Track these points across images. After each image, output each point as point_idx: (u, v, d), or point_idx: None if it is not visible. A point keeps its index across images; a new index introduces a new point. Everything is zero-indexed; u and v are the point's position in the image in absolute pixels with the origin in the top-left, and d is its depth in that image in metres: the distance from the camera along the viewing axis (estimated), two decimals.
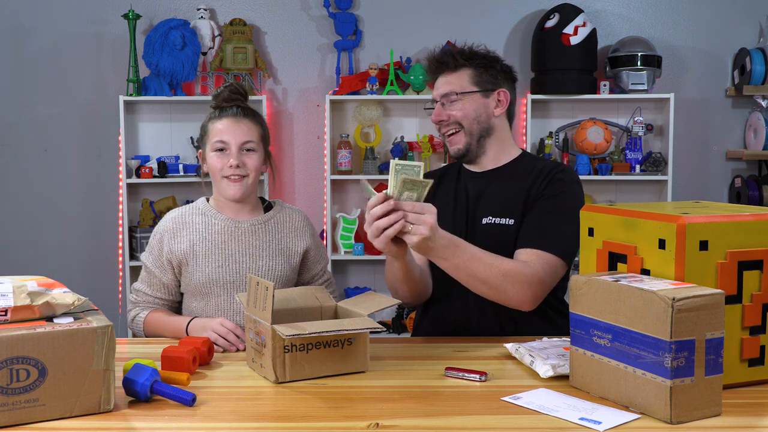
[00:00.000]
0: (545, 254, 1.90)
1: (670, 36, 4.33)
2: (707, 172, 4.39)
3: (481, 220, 2.02)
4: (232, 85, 2.07)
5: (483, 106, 2.05)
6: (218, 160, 2.02)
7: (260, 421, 1.35)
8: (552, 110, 4.33)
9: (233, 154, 2.01)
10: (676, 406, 1.28)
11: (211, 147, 2.03)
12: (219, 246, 2.04)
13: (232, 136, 2.01)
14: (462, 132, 2.05)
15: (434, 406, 1.41)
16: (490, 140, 2.07)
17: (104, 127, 4.19)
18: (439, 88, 2.07)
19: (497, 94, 2.06)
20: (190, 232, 2.05)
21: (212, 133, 2.04)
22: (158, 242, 2.06)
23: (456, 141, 2.06)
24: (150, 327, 2.05)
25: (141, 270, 2.12)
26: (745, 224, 1.45)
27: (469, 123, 2.04)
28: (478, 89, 2.04)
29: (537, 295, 1.88)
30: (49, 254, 4.22)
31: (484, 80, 2.05)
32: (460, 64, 2.05)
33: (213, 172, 2.04)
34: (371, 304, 1.68)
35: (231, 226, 2.06)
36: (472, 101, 2.04)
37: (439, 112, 2.06)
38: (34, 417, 1.30)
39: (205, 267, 2.02)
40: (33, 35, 4.18)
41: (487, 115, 2.05)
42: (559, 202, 1.96)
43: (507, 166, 2.09)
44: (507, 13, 4.31)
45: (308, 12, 4.28)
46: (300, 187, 4.35)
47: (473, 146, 2.06)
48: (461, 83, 2.05)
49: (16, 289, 1.37)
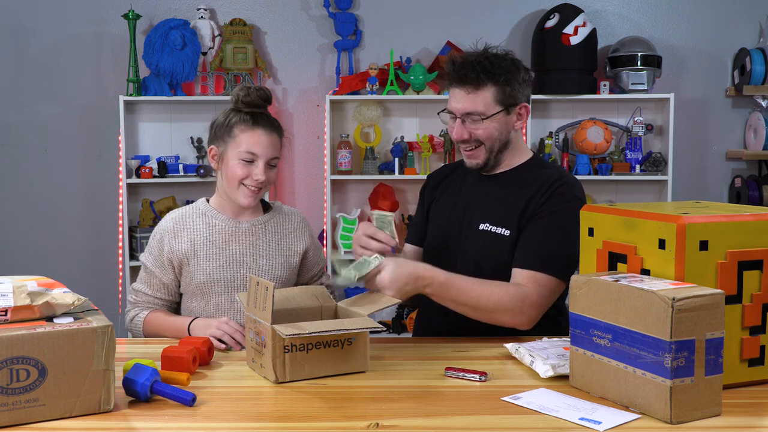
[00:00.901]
0: (541, 276, 1.89)
1: (670, 36, 4.33)
2: (707, 172, 4.39)
3: (478, 225, 2.02)
4: (261, 90, 2.02)
5: (505, 124, 2.01)
6: (243, 169, 1.99)
7: (260, 421, 1.35)
8: (552, 110, 4.33)
9: (261, 168, 1.99)
10: (676, 406, 1.28)
11: (237, 154, 1.99)
12: (220, 246, 2.04)
13: (264, 150, 1.99)
14: (483, 148, 2.01)
15: (434, 406, 1.41)
16: (506, 152, 2.05)
17: (104, 127, 4.19)
18: (460, 104, 1.99)
19: (518, 109, 2.02)
20: (190, 232, 2.05)
21: (242, 141, 1.99)
22: (158, 242, 2.06)
23: (476, 156, 2.03)
24: (150, 327, 2.04)
25: (140, 270, 2.12)
26: (745, 224, 1.45)
27: (492, 142, 2.01)
28: (501, 108, 1.98)
29: (530, 317, 1.89)
30: (49, 254, 4.22)
31: (506, 96, 1.98)
32: (483, 82, 1.96)
33: (232, 177, 2.00)
34: (371, 304, 1.69)
35: (231, 227, 2.06)
36: (495, 121, 1.99)
37: (459, 131, 2.00)
38: (34, 417, 1.30)
39: (206, 266, 2.02)
40: (33, 35, 4.18)
41: (508, 131, 2.02)
42: (557, 219, 1.93)
43: (513, 171, 2.06)
44: (507, 13, 4.31)
45: (308, 12, 4.27)
46: (300, 187, 4.35)
47: (491, 161, 2.04)
48: (485, 103, 1.97)
49: (16, 289, 1.37)
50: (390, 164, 4.16)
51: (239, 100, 2.01)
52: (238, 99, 2.02)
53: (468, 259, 2.00)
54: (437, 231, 2.12)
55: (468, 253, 2.01)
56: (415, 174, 4.14)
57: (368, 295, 1.76)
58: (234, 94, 2.03)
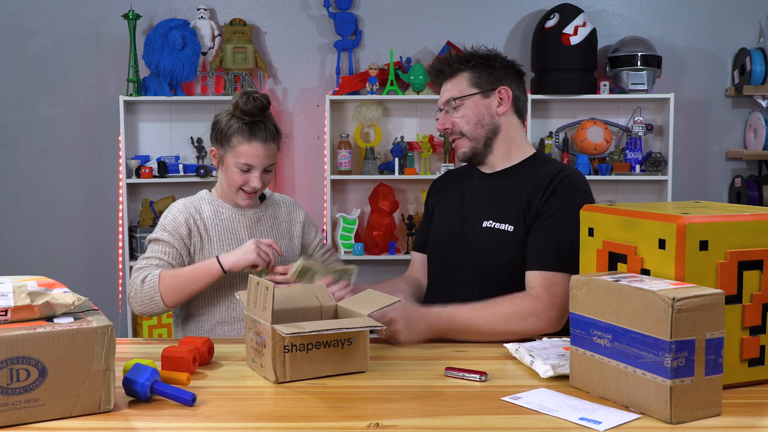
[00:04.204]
0: (553, 275, 1.89)
1: (670, 36, 4.33)
2: (707, 172, 4.39)
3: (482, 223, 2.02)
4: (259, 100, 2.07)
5: (485, 107, 2.03)
6: (240, 177, 2.11)
7: (260, 421, 1.35)
8: (552, 110, 4.33)
9: (257, 177, 2.11)
10: (676, 406, 1.28)
11: (235, 163, 2.09)
12: (229, 231, 2.16)
13: (260, 161, 2.10)
14: (465, 138, 2.04)
15: (434, 406, 1.41)
16: (497, 140, 2.05)
17: (104, 127, 4.19)
18: (442, 96, 2.08)
19: (498, 93, 2.03)
20: (201, 217, 2.15)
21: (240, 153, 2.08)
22: (173, 221, 2.11)
23: (460, 145, 2.06)
24: (168, 279, 2.00)
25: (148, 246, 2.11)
26: (745, 224, 1.45)
27: (472, 128, 2.03)
28: (477, 91, 2.03)
29: (551, 319, 1.87)
30: (49, 254, 4.22)
31: (482, 80, 2.03)
32: (456, 69, 2.05)
33: (230, 182, 2.13)
34: (371, 304, 1.69)
35: (237, 213, 2.19)
36: (472, 105, 2.03)
37: (443, 121, 2.07)
38: (34, 417, 1.30)
39: (219, 249, 2.11)
40: (33, 35, 4.18)
41: (491, 116, 2.04)
42: (561, 216, 1.92)
43: (516, 167, 2.06)
44: (507, 13, 4.31)
45: (308, 12, 4.28)
46: (300, 187, 4.35)
47: (479, 149, 2.05)
48: (460, 88, 2.04)
49: (16, 289, 1.37)
50: (390, 164, 4.16)
51: (238, 107, 2.07)
52: (237, 105, 2.08)
53: (473, 256, 2.00)
54: (442, 231, 2.12)
55: (473, 250, 2.01)
56: (415, 174, 4.14)
57: (368, 294, 1.76)
58: (234, 98, 2.10)
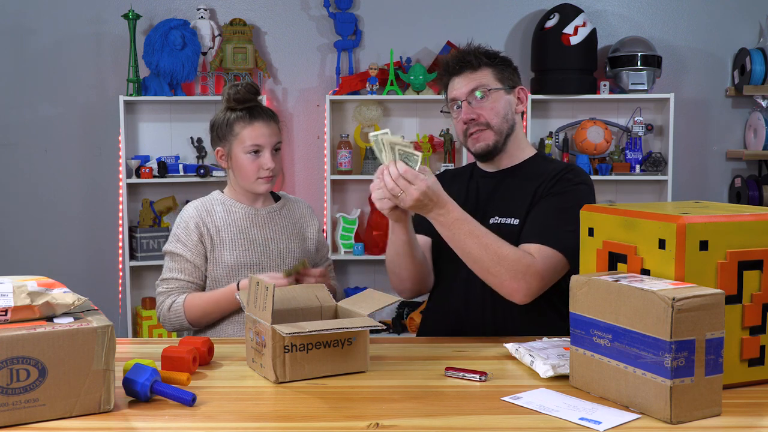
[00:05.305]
0: (547, 249, 1.89)
1: (670, 36, 4.33)
2: (707, 172, 4.39)
3: (489, 220, 2.02)
4: (248, 85, 2.15)
5: (509, 104, 2.06)
6: (253, 163, 2.14)
7: (260, 421, 1.35)
8: (552, 110, 4.33)
9: (268, 156, 2.14)
10: (676, 406, 1.28)
11: (243, 149, 2.13)
12: (242, 231, 2.17)
13: (267, 140, 2.15)
14: (491, 130, 2.04)
15: (434, 406, 1.41)
16: (511, 138, 2.07)
17: (104, 127, 4.19)
18: (463, 87, 2.04)
19: (517, 92, 2.08)
20: (214, 219, 2.17)
21: (245, 137, 2.13)
22: (185, 228, 2.14)
23: (484, 138, 2.04)
24: (193, 307, 2.10)
25: (165, 261, 2.17)
26: (745, 224, 1.45)
27: (500, 121, 2.04)
28: (502, 86, 2.05)
29: (531, 287, 1.85)
30: (49, 254, 4.22)
31: (505, 78, 2.06)
32: (483, 63, 2.05)
33: (245, 171, 2.14)
34: (371, 303, 1.68)
35: (251, 213, 2.21)
36: (500, 98, 2.04)
37: (468, 111, 2.03)
38: (34, 417, 1.30)
39: (232, 250, 2.13)
40: (33, 35, 4.18)
41: (512, 113, 2.07)
42: (564, 199, 1.95)
43: (520, 166, 2.09)
44: (507, 13, 4.31)
45: (308, 12, 4.28)
46: (300, 187, 4.35)
47: (500, 144, 2.06)
48: (487, 80, 2.04)
49: (16, 289, 1.37)
50: None
51: (231, 98, 2.14)
52: (230, 97, 2.14)
53: None
54: None
55: None
56: None
57: (368, 293, 1.76)
58: (224, 93, 2.17)
